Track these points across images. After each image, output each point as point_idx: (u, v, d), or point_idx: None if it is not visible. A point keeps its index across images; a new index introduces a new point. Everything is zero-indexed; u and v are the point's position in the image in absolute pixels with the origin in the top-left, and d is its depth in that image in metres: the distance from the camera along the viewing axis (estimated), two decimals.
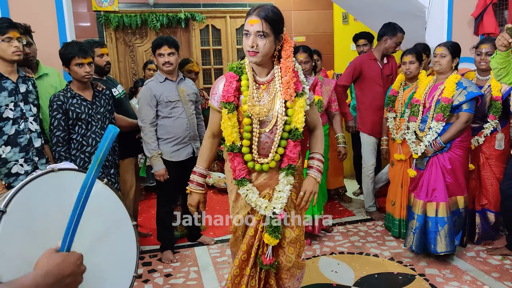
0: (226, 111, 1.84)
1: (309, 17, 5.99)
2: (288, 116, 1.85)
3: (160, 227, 3.35)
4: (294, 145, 1.87)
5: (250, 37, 1.75)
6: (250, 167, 1.90)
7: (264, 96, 1.86)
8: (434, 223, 2.95)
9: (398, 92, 3.53)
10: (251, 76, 1.87)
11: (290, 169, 1.89)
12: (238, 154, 1.89)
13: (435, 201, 2.95)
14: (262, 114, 1.83)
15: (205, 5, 5.68)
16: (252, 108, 1.83)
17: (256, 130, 1.85)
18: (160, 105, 3.09)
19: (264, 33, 1.73)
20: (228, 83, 1.85)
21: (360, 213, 4.16)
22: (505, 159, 3.07)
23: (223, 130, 1.88)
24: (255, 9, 1.77)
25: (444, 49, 2.96)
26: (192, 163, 3.27)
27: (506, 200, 2.94)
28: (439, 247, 2.94)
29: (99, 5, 5.32)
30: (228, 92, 1.84)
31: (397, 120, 3.49)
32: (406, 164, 3.44)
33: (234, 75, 1.87)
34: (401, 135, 3.42)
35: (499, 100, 3.06)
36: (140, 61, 5.66)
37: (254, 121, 1.84)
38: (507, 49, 2.31)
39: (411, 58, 3.37)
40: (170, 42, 3.07)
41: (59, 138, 2.66)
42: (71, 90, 2.71)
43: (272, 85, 1.87)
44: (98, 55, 3.08)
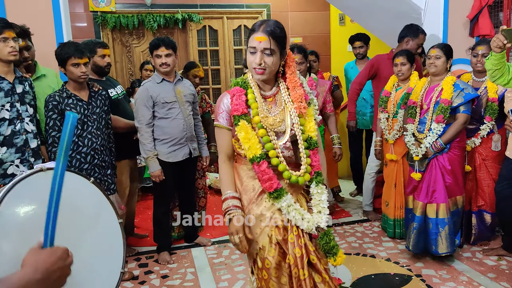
0: (244, 122, 1.73)
1: (305, 18, 6.00)
2: (302, 125, 1.81)
3: (156, 228, 3.34)
4: (313, 153, 1.82)
5: (257, 54, 1.70)
6: (286, 177, 1.74)
7: (273, 108, 1.82)
8: (435, 224, 2.96)
9: (390, 93, 3.55)
10: (257, 90, 1.82)
11: (319, 176, 1.82)
12: (264, 162, 1.72)
13: (435, 203, 2.96)
14: (276, 124, 1.78)
15: (202, 6, 5.69)
16: (265, 119, 1.76)
17: (274, 141, 1.76)
18: (156, 106, 3.09)
19: (271, 50, 1.70)
20: (237, 97, 1.77)
21: (357, 213, 4.17)
22: (502, 160, 3.08)
23: (244, 143, 1.73)
24: (260, 25, 1.72)
25: (439, 51, 2.97)
26: (189, 164, 3.32)
27: (501, 201, 2.95)
28: (440, 248, 2.95)
29: (96, 5, 5.31)
30: (240, 105, 1.75)
31: (389, 121, 3.52)
32: (398, 164, 3.47)
33: (240, 89, 1.80)
34: (393, 135, 3.45)
35: (496, 101, 3.07)
36: (137, 61, 5.65)
37: (269, 133, 1.76)
38: (502, 50, 2.32)
39: (402, 60, 3.40)
40: (167, 43, 3.07)
41: (55, 139, 2.65)
42: (67, 90, 2.71)
43: (279, 97, 1.84)
44: (100, 55, 3.09)
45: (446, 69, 3.01)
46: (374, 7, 4.31)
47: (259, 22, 1.75)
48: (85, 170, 2.74)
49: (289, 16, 5.96)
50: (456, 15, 3.85)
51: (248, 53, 1.75)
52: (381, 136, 3.65)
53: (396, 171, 3.48)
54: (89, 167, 2.76)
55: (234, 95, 1.78)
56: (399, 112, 3.40)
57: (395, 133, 3.43)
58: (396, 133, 3.43)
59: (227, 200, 1.77)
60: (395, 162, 3.49)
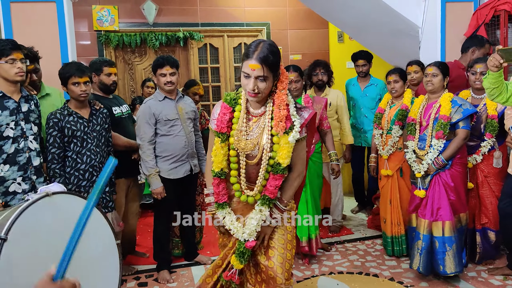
0: (219, 140, 1.92)
1: (304, 36, 6.09)
2: (273, 151, 1.88)
3: (157, 246, 3.32)
4: (273, 177, 1.90)
5: (251, 80, 1.77)
6: (237, 196, 1.97)
7: (254, 129, 1.90)
8: (442, 243, 2.90)
9: (384, 110, 3.60)
10: (244, 108, 1.92)
11: (265, 200, 1.91)
12: (223, 180, 1.97)
13: (440, 220, 2.91)
14: (248, 148, 1.89)
15: (203, 24, 5.77)
16: (238, 142, 1.89)
17: (242, 162, 1.91)
18: (159, 123, 3.11)
19: (264, 77, 1.76)
20: (222, 114, 1.92)
21: (359, 231, 4.15)
22: (504, 177, 3.07)
23: (213, 156, 1.95)
24: (253, 51, 1.76)
25: (435, 69, 3.01)
26: (190, 180, 3.32)
27: (505, 218, 2.93)
28: (448, 268, 2.88)
29: (100, 24, 5.40)
30: (222, 123, 1.91)
31: (383, 137, 3.56)
32: (393, 179, 3.49)
33: (227, 107, 1.93)
34: (387, 151, 3.48)
35: (495, 118, 3.08)
36: (139, 79, 5.71)
37: (240, 154, 1.91)
38: (499, 69, 2.35)
39: (395, 78, 3.46)
40: (172, 62, 3.12)
41: (54, 155, 2.68)
42: (68, 108, 2.76)
43: (263, 119, 1.90)
44: (106, 73, 3.14)
45: (443, 86, 3.04)
46: (372, 25, 4.37)
47: (253, 47, 1.79)
48: (83, 187, 2.76)
49: (288, 33, 6.04)
50: (453, 33, 3.91)
51: (242, 76, 1.81)
52: (376, 152, 3.68)
53: (391, 186, 3.50)
54: (87, 184, 2.78)
55: (221, 111, 1.93)
56: (393, 128, 3.45)
57: (389, 148, 3.47)
58: (390, 149, 3.47)
59: (209, 196, 2.02)
60: (389, 178, 3.51)
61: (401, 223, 3.45)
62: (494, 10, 3.66)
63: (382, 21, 4.18)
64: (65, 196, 1.60)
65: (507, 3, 3.58)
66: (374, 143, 3.68)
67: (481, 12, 3.75)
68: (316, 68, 4.06)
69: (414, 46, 4.13)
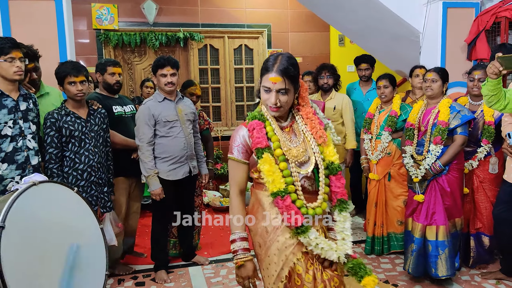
0: (268, 155, 1.70)
1: (306, 39, 6.09)
2: (322, 153, 1.80)
3: (154, 246, 3.33)
4: (336, 178, 1.80)
5: (272, 94, 1.70)
6: (304, 213, 1.70)
7: (293, 138, 1.81)
8: (435, 247, 2.95)
9: (374, 115, 3.62)
10: (274, 122, 1.80)
11: (342, 203, 1.80)
12: (288, 196, 1.68)
13: (434, 225, 2.95)
14: (300, 155, 1.76)
15: (203, 25, 5.77)
16: (289, 151, 1.75)
17: (296, 174, 1.73)
18: (158, 124, 3.11)
19: (286, 89, 1.71)
20: (257, 130, 1.74)
21: (355, 234, 4.16)
22: (499, 183, 3.10)
23: (268, 176, 1.69)
24: (273, 64, 1.71)
25: (435, 74, 3.03)
26: (188, 182, 3.33)
27: (499, 224, 2.96)
28: (440, 271, 2.93)
29: (100, 23, 5.39)
30: (262, 138, 1.72)
31: (373, 142, 3.58)
32: (380, 184, 3.56)
33: (259, 122, 1.77)
34: (376, 156, 3.53)
35: (492, 125, 3.11)
36: (138, 79, 5.70)
37: (291, 165, 1.73)
38: (498, 77, 2.36)
39: (385, 83, 3.50)
40: (173, 63, 3.13)
41: (52, 155, 2.68)
42: (66, 108, 2.75)
43: (296, 127, 1.83)
44: (109, 73, 3.17)
45: (442, 92, 3.06)
46: (373, 29, 4.38)
47: (272, 60, 1.72)
48: (81, 187, 2.76)
49: (289, 36, 6.05)
50: (454, 39, 3.92)
51: (262, 91, 1.74)
52: (366, 154, 3.71)
53: (378, 190, 3.57)
54: (86, 184, 2.79)
55: (254, 129, 1.75)
56: (382, 134, 3.49)
57: (378, 153, 3.52)
58: (380, 154, 3.51)
59: (235, 242, 1.72)
60: (376, 182, 3.57)
61: (384, 225, 3.55)
62: (495, 16, 3.67)
63: (384, 26, 4.19)
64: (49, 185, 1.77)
65: (508, 10, 3.59)
66: (363, 147, 3.72)
67: (482, 18, 3.76)
68: (322, 72, 4.08)
69: (414, 51, 4.14)
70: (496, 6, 3.70)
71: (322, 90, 4.13)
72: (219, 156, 5.69)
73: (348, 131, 4.07)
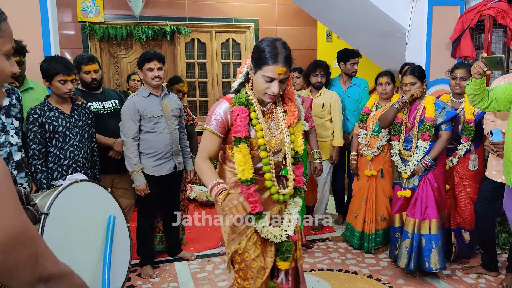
0: (245, 145, 1.81)
1: (293, 34, 6.09)
2: (292, 143, 1.95)
3: (140, 241, 3.32)
4: (296, 167, 1.96)
5: (275, 84, 1.77)
6: (275, 199, 1.92)
7: (272, 126, 1.92)
8: (428, 241, 3.00)
9: (371, 111, 3.63)
10: (258, 107, 1.88)
11: (297, 190, 1.97)
12: (251, 186, 1.85)
13: (428, 219, 3.01)
14: (277, 145, 1.90)
15: (191, 19, 5.73)
16: (269, 142, 1.87)
17: (271, 162, 1.89)
18: (143, 119, 3.09)
19: (286, 78, 1.81)
20: (241, 117, 1.81)
21: (340, 229, 4.20)
22: (479, 179, 3.16)
23: (239, 165, 1.83)
24: (276, 53, 1.75)
25: (412, 78, 3.09)
26: (174, 178, 3.31)
27: (480, 221, 3.03)
28: (433, 264, 2.99)
29: (85, 15, 5.31)
30: (243, 127, 1.81)
31: (368, 137, 3.60)
32: (372, 179, 3.57)
33: (245, 109, 1.83)
34: (372, 153, 3.54)
35: (472, 122, 3.17)
36: (124, 72, 5.65)
37: (269, 153, 1.89)
38: (482, 77, 2.39)
39: (386, 80, 3.49)
40: (160, 57, 3.11)
41: (35, 151, 2.63)
42: (49, 104, 2.69)
43: (275, 113, 1.94)
44: (84, 71, 3.08)
45: (423, 90, 3.12)
46: (360, 25, 4.40)
47: (272, 50, 1.76)
48: None
49: (277, 31, 6.04)
50: (439, 36, 3.96)
51: (262, 80, 1.78)
52: (357, 151, 3.72)
53: (369, 186, 3.59)
54: None
55: (238, 115, 1.82)
56: (381, 132, 3.48)
57: (374, 150, 3.53)
58: (376, 151, 3.53)
59: (215, 186, 1.80)
60: (369, 178, 3.59)
61: (373, 222, 3.57)
62: (480, 15, 3.71)
63: (370, 22, 4.22)
64: (88, 183, 2.01)
65: (492, 9, 3.63)
66: (356, 142, 3.71)
67: (467, 16, 3.80)
68: (317, 69, 4.02)
69: (400, 48, 4.18)
70: (481, 4, 3.74)
71: (313, 87, 4.10)
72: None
73: (335, 129, 4.06)
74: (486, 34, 3.71)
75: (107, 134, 3.16)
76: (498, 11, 3.60)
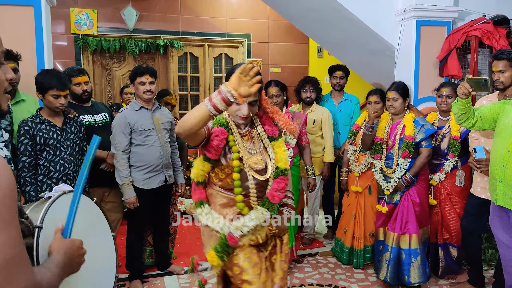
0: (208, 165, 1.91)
1: (285, 49, 6.18)
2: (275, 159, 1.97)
3: (129, 255, 3.30)
4: (275, 181, 1.96)
5: (244, 106, 1.83)
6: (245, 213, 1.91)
7: (251, 146, 1.96)
8: (408, 255, 3.06)
9: (360, 128, 3.69)
10: (235, 130, 1.93)
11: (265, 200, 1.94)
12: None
13: (408, 233, 3.07)
14: (258, 163, 1.93)
15: (184, 33, 5.79)
16: (248, 159, 1.90)
17: (251, 180, 1.90)
18: (134, 133, 3.10)
19: (256, 101, 1.87)
20: (219, 139, 1.84)
21: (330, 244, 4.22)
22: (466, 195, 3.21)
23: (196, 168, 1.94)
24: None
25: (395, 93, 3.17)
26: (164, 191, 3.31)
27: (467, 236, 3.08)
28: (413, 278, 3.04)
29: (78, 28, 5.34)
30: (216, 151, 1.85)
31: (356, 154, 3.65)
32: (361, 196, 3.62)
33: (224, 131, 1.87)
34: (359, 169, 3.59)
35: (458, 139, 3.24)
36: (117, 85, 5.67)
37: (248, 172, 1.89)
38: (467, 97, 2.46)
39: (376, 98, 3.52)
40: (152, 71, 3.15)
41: (25, 164, 2.62)
42: (40, 116, 2.70)
43: (254, 134, 1.98)
44: (74, 84, 3.09)
45: (404, 108, 3.21)
46: (350, 43, 4.49)
47: None
48: None
49: (269, 46, 6.12)
50: (427, 55, 4.04)
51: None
52: (347, 167, 3.77)
53: (357, 203, 3.63)
54: None
55: (217, 136, 1.85)
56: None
57: (362, 167, 3.58)
58: (363, 168, 3.58)
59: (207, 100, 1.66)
60: (357, 194, 3.63)
61: (361, 238, 3.59)
62: (466, 35, 3.80)
63: (361, 40, 4.30)
64: None
65: (478, 30, 3.73)
66: (346, 158, 3.76)
67: (454, 36, 3.90)
68: (306, 85, 4.07)
69: (390, 66, 4.26)
70: (467, 25, 3.85)
71: (304, 103, 4.15)
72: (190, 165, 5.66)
73: (326, 145, 4.09)
74: (472, 54, 3.80)
75: (99, 147, 3.15)
76: (484, 32, 3.71)
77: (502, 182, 2.34)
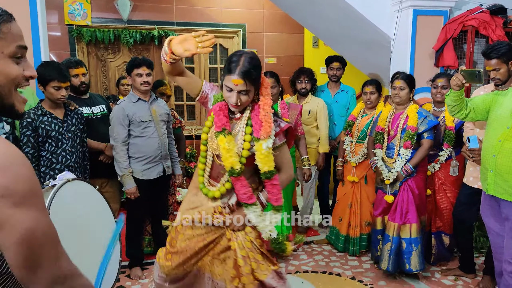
0: (222, 137, 1.86)
1: (280, 39, 6.18)
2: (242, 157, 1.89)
3: (129, 244, 3.35)
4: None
5: (233, 94, 1.81)
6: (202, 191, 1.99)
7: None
8: (409, 244, 3.11)
9: (356, 118, 3.73)
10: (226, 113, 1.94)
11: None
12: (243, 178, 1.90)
13: (408, 223, 3.12)
14: (216, 150, 1.93)
15: (178, 24, 5.76)
16: (211, 142, 1.95)
17: (209, 160, 1.97)
18: (132, 124, 3.12)
19: (247, 91, 1.82)
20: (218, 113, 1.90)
21: (325, 232, 4.28)
22: (459, 185, 3.28)
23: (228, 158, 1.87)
24: (236, 66, 1.79)
25: (402, 82, 3.17)
26: (162, 182, 3.35)
27: (459, 224, 3.15)
28: (413, 266, 3.11)
29: (72, 18, 5.29)
30: (222, 121, 1.88)
31: (353, 145, 3.70)
32: (357, 185, 3.68)
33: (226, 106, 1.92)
34: (356, 160, 3.65)
35: (452, 130, 3.29)
36: (112, 76, 5.65)
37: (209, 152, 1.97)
38: (460, 88, 2.50)
39: (371, 89, 3.58)
40: (148, 63, 3.16)
41: (28, 155, 2.65)
42: (42, 108, 2.73)
43: (238, 124, 1.93)
44: (72, 75, 3.09)
45: (409, 98, 3.21)
46: (346, 33, 4.50)
47: (234, 61, 1.81)
48: None
49: (264, 36, 6.12)
50: (423, 46, 4.06)
51: (224, 89, 1.85)
52: (343, 157, 3.81)
53: (353, 192, 3.69)
54: None
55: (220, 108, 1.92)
56: (368, 138, 3.57)
57: (358, 157, 3.63)
58: (360, 158, 3.63)
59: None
60: (353, 184, 3.69)
61: (357, 226, 3.66)
62: (462, 25, 3.81)
63: (356, 30, 4.31)
64: (78, 182, 2.09)
65: (475, 19, 3.74)
66: (342, 149, 3.81)
67: (450, 26, 3.90)
68: (301, 76, 4.08)
69: (385, 56, 4.27)
70: (464, 15, 3.85)
71: (299, 94, 4.17)
72: (193, 154, 5.70)
73: (321, 135, 4.13)
74: (468, 44, 3.81)
75: (97, 138, 3.19)
76: (480, 22, 3.70)
77: (493, 172, 2.39)
